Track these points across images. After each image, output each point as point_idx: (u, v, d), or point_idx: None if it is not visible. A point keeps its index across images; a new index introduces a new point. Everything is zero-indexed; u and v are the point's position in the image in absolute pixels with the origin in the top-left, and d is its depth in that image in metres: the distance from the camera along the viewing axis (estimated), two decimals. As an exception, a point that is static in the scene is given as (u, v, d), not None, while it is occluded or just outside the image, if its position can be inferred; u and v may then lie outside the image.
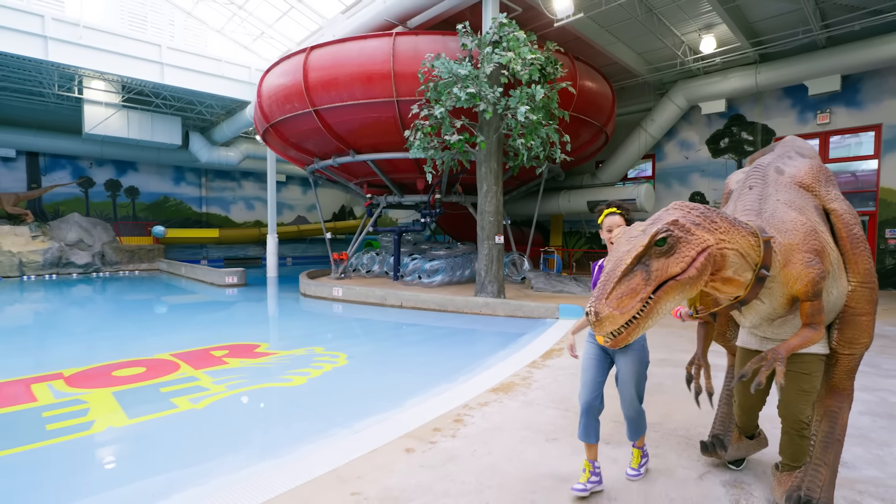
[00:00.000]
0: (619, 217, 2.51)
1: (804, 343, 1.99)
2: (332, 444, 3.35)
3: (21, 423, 3.85)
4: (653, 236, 1.71)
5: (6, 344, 7.04)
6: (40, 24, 13.04)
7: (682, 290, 1.74)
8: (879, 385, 4.18)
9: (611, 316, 1.64)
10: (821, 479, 2.12)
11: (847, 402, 2.32)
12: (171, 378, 5.06)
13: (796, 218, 2.07)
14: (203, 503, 2.51)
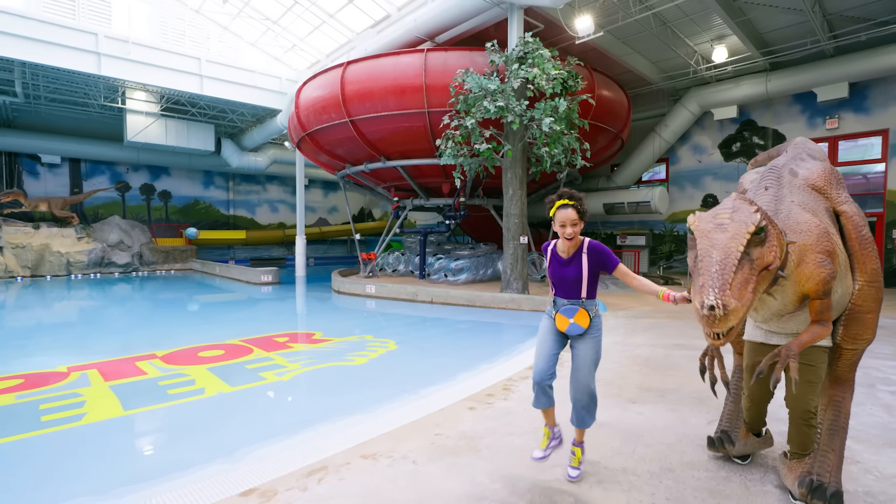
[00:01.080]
0: (573, 210, 2.40)
1: (814, 339, 2.08)
2: (407, 405, 4.13)
3: (146, 389, 4.70)
4: (757, 224, 1.72)
5: (94, 331, 7.97)
6: (94, 41, 14.11)
7: (770, 277, 1.75)
8: (866, 363, 4.83)
9: (737, 308, 1.60)
10: (829, 465, 2.22)
11: (849, 391, 2.43)
12: (249, 358, 5.89)
13: (810, 220, 2.13)
14: (331, 439, 3.30)
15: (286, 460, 2.94)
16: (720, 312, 1.56)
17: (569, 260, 2.51)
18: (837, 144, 12.84)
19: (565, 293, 2.52)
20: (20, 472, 3.08)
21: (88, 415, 4.00)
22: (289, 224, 28.16)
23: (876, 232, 12.24)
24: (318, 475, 2.74)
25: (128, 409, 4.13)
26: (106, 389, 4.65)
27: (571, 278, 2.49)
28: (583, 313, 2.46)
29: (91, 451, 3.50)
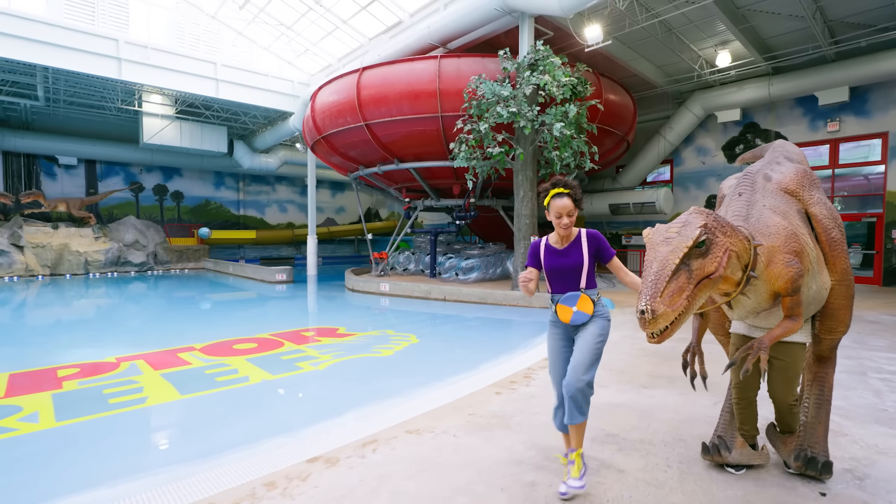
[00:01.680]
0: (569, 199, 2.36)
1: (785, 333, 2.22)
2: (438, 390, 4.52)
3: (195, 377, 5.11)
4: (696, 238, 1.86)
5: (128, 326, 8.40)
6: (115, 47, 14.55)
7: (712, 286, 1.92)
8: (861, 355, 5.20)
9: (665, 313, 1.77)
10: (818, 436, 2.48)
11: (832, 367, 2.68)
12: (282, 350, 6.30)
13: (779, 223, 2.28)
14: (375, 419, 3.70)
15: (340, 435, 3.33)
16: (649, 316, 1.76)
17: (566, 250, 2.43)
18: (838, 146, 13.17)
19: (563, 286, 2.43)
20: (108, 444, 3.49)
21: (150, 398, 4.41)
22: (297, 224, 28.62)
23: (876, 232, 12.58)
24: (371, 446, 3.13)
25: (184, 394, 4.54)
26: (158, 377, 5.06)
27: (570, 268, 2.40)
28: (585, 298, 2.36)
29: (164, 427, 3.91)
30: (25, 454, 3.31)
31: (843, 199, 13.31)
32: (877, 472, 2.60)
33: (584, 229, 2.46)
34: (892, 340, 5.89)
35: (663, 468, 2.69)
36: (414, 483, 2.61)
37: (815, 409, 2.55)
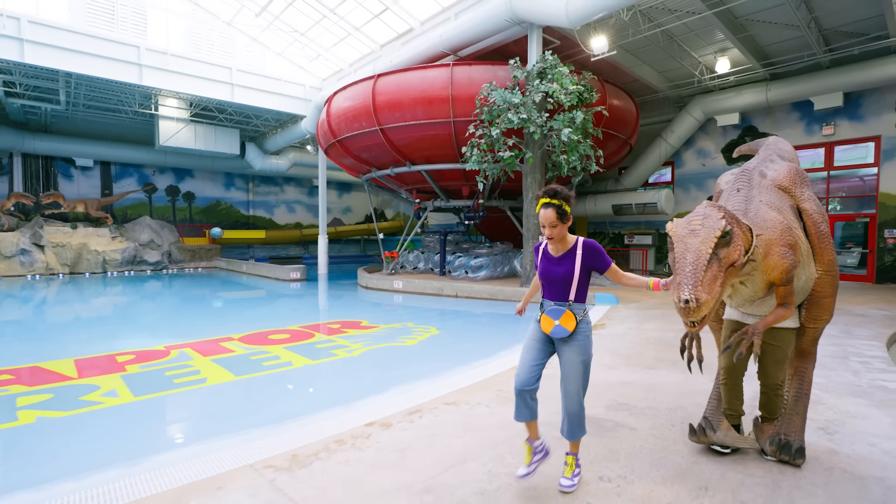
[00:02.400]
0: (553, 211, 2.32)
1: (777, 319, 2.41)
2: (464, 372, 5.06)
3: (242, 363, 5.65)
4: (723, 229, 2.02)
5: (163, 319, 8.96)
6: (136, 53, 15.11)
7: (735, 274, 2.07)
8: (846, 342, 5.73)
9: (707, 301, 1.89)
10: (795, 426, 2.61)
11: (812, 363, 2.83)
12: (314, 340, 6.84)
13: (776, 217, 2.43)
14: (413, 394, 4.24)
15: (388, 407, 3.87)
16: (693, 305, 1.86)
17: (560, 258, 2.41)
18: (833, 149, 13.69)
19: (553, 294, 2.42)
20: (190, 413, 4.04)
21: (208, 380, 4.96)
22: (305, 224, 29.17)
23: (869, 232, 13.10)
24: (417, 414, 3.67)
25: (238, 375, 5.08)
26: (209, 362, 5.60)
27: (560, 277, 2.39)
28: (569, 315, 2.35)
29: (231, 401, 4.46)
30: (120, 421, 3.86)
31: (838, 199, 13.82)
32: (844, 429, 3.14)
33: (583, 239, 2.43)
34: (876, 331, 6.41)
35: (668, 427, 3.23)
36: (460, 439, 3.15)
37: (793, 401, 2.70)
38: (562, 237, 2.40)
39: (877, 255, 12.89)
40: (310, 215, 29.49)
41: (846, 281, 13.30)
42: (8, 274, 17.06)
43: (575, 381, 2.36)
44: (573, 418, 2.38)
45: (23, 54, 13.22)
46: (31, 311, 10.27)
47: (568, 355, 2.38)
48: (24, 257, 17.37)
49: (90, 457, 3.29)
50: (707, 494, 2.37)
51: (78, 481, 2.90)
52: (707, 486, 2.45)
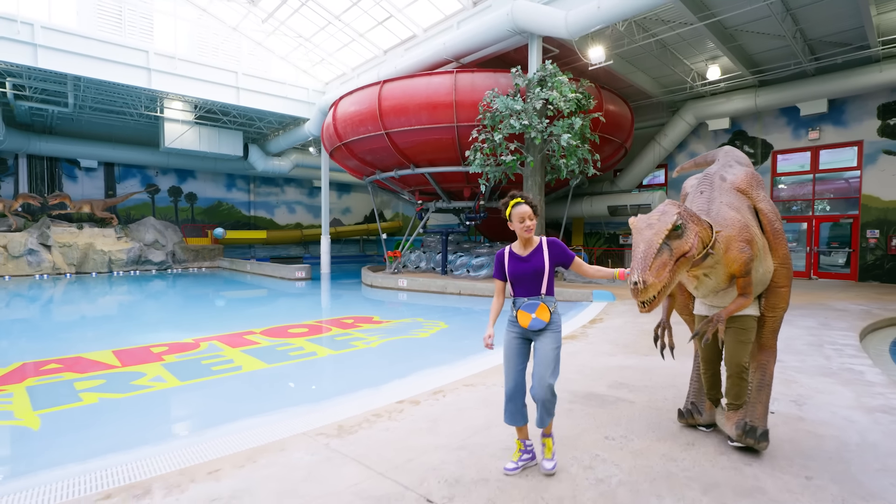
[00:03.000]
0: (527, 206, 2.58)
1: (738, 307, 2.70)
2: (477, 360, 5.53)
3: (270, 353, 6.10)
4: (674, 223, 2.28)
5: (183, 315, 9.37)
6: (145, 58, 15.48)
7: (687, 263, 2.35)
8: (822, 333, 6.27)
9: (653, 283, 2.17)
10: (758, 413, 2.82)
11: (772, 357, 3.04)
12: (332, 334, 7.30)
13: (734, 216, 2.73)
14: (434, 377, 4.72)
15: (413, 388, 4.34)
16: (641, 286, 2.14)
17: (528, 256, 2.61)
18: (819, 153, 14.32)
19: (525, 290, 2.59)
20: (237, 394, 4.49)
21: (243, 367, 5.41)
22: (305, 224, 29.55)
23: (852, 232, 13.73)
24: (441, 394, 4.15)
25: (269, 364, 5.54)
26: (239, 353, 6.05)
27: (531, 273, 2.56)
28: (543, 307, 2.55)
29: (271, 384, 4.91)
30: (175, 401, 4.31)
31: (827, 201, 14.45)
32: (811, 401, 3.66)
33: (545, 237, 2.65)
34: (852, 323, 6.97)
35: (661, 401, 3.73)
36: (482, 412, 3.64)
37: (756, 390, 2.91)
38: (531, 236, 2.61)
39: (860, 254, 13.52)
40: (310, 216, 29.87)
41: (832, 279, 13.94)
42: (16, 273, 17.35)
43: (548, 367, 2.51)
44: (545, 403, 2.51)
45: (36, 59, 13.56)
46: (53, 308, 10.64)
47: (543, 344, 2.56)
48: (31, 257, 17.66)
49: (165, 427, 3.75)
50: (693, 448, 2.87)
51: (169, 443, 3.36)
52: (693, 443, 2.95)
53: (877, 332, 7.13)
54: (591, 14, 9.61)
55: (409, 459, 2.84)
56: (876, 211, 13.25)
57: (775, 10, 10.51)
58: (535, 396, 2.53)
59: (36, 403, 4.17)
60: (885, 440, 2.97)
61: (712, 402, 3.12)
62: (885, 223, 13.09)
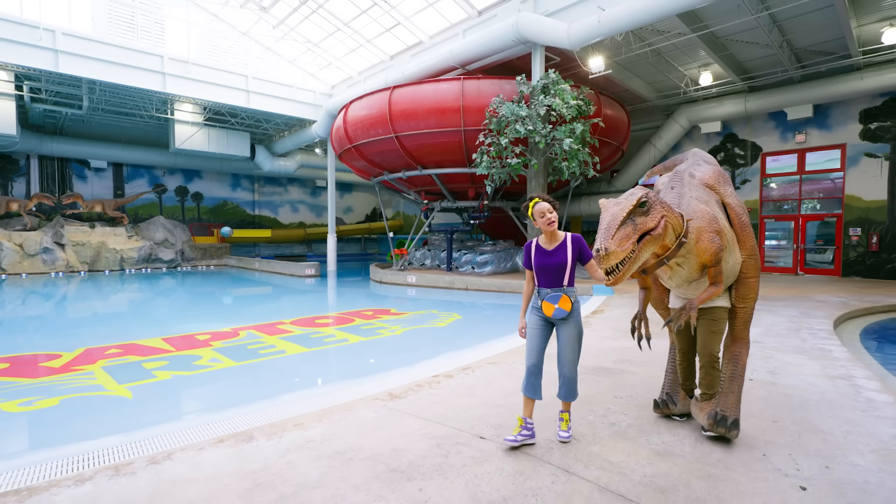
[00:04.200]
0: (547, 203, 2.85)
1: (710, 296, 2.78)
2: (494, 344, 6.21)
3: (305, 339, 6.74)
4: (638, 199, 2.39)
5: (210, 308, 9.97)
6: (160, 62, 16.01)
7: (654, 242, 2.42)
8: (801, 321, 6.99)
9: (615, 252, 2.24)
10: (730, 402, 2.87)
11: (745, 348, 3.12)
12: (356, 324, 7.94)
13: (704, 209, 2.84)
14: (460, 358, 5.39)
15: (444, 365, 5.00)
16: (603, 252, 2.23)
17: (553, 251, 2.85)
18: (805, 155, 15.10)
19: (549, 282, 2.85)
20: (285, 372, 5.14)
21: (286, 351, 6.05)
22: (308, 223, 30.11)
23: (836, 230, 14.52)
24: (469, 369, 4.82)
25: (309, 348, 6.19)
26: (278, 339, 6.69)
27: (555, 267, 2.81)
28: (566, 298, 2.81)
29: (318, 364, 5.56)
30: (237, 377, 4.95)
31: (812, 200, 15.23)
32: (784, 371, 4.37)
33: (570, 233, 2.91)
34: (829, 312, 7.70)
35: (659, 372, 4.42)
36: (509, 382, 4.31)
37: (728, 381, 2.99)
38: (555, 231, 2.86)
39: (843, 251, 14.32)
40: (312, 215, 30.43)
41: (817, 275, 14.73)
42: (32, 271, 17.84)
43: (572, 350, 2.85)
44: (570, 382, 2.89)
45: (57, 64, 14.08)
46: (84, 302, 11.20)
47: (566, 331, 2.86)
48: (46, 255, 18.15)
49: (237, 395, 4.39)
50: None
51: (246, 407, 4.01)
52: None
53: (851, 320, 7.86)
54: (591, 27, 10.29)
55: (456, 413, 3.51)
56: (858, 210, 14.04)
57: (763, 22, 11.24)
58: (563, 375, 2.89)
59: (118, 379, 4.80)
60: (839, 398, 3.68)
61: (686, 392, 3.25)
62: (867, 222, 13.88)
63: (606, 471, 2.58)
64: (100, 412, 4.00)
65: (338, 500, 2.33)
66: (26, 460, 2.85)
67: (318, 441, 3.09)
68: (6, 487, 2.54)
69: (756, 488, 2.37)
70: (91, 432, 3.54)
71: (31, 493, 2.47)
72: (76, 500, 2.39)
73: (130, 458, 2.86)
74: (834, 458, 2.69)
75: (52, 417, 3.86)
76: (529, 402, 2.93)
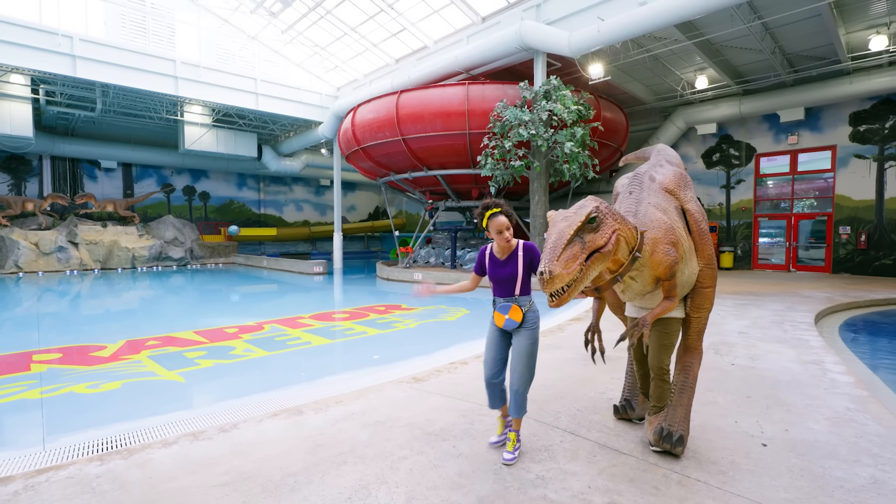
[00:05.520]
0: (503, 216, 2.69)
1: (663, 311, 2.65)
2: (502, 336, 6.76)
3: (326, 332, 7.27)
4: (587, 215, 2.22)
5: (230, 305, 10.50)
6: (172, 66, 16.50)
7: (603, 260, 2.26)
8: (785, 314, 7.54)
9: (560, 275, 2.08)
10: (679, 416, 2.77)
11: (697, 358, 3.01)
12: (372, 318, 8.48)
13: (661, 218, 2.68)
14: (471, 346, 5.93)
15: (458, 355, 5.54)
16: (546, 276, 2.05)
17: (505, 261, 2.76)
18: (797, 157, 15.64)
19: (502, 291, 2.78)
20: (315, 361, 5.68)
21: (312, 343, 6.59)
22: (313, 222, 30.62)
23: (827, 229, 15.07)
24: (480, 358, 5.36)
25: (333, 339, 6.72)
26: (302, 332, 7.23)
27: (507, 277, 2.73)
28: (516, 309, 2.70)
29: (345, 354, 6.09)
30: (273, 365, 5.49)
31: (805, 200, 15.77)
32: (763, 357, 4.92)
33: (523, 241, 2.79)
34: (813, 306, 8.25)
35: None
36: (518, 367, 4.85)
37: (678, 393, 2.88)
38: (508, 240, 2.75)
39: (833, 248, 14.87)
40: (317, 213, 30.94)
41: (808, 271, 15.28)
42: (47, 269, 18.35)
43: (523, 362, 2.71)
44: (518, 396, 2.75)
45: (75, 69, 14.56)
46: (110, 299, 11.72)
47: (518, 341, 2.76)
48: (61, 254, 18.66)
49: (278, 379, 4.93)
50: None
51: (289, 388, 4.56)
52: (674, 381, 4.19)
53: (835, 314, 8.41)
54: (591, 36, 10.80)
55: (475, 392, 4.06)
56: (848, 209, 14.59)
57: (755, 30, 11.75)
58: (512, 389, 2.76)
59: (166, 366, 5.34)
60: (807, 379, 4.23)
61: (645, 396, 3.23)
62: (856, 220, 14.43)
63: (605, 433, 3.13)
64: (159, 393, 4.54)
65: (388, 454, 2.87)
66: (111, 430, 3.38)
67: (360, 413, 3.63)
68: (109, 449, 3.08)
69: (725, 444, 2.92)
70: (157, 409, 4.08)
71: (130, 453, 3.02)
72: (170, 457, 2.93)
73: (203, 428, 3.40)
74: (794, 423, 3.23)
75: (119, 398, 4.39)
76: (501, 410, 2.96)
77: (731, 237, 17.10)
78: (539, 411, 3.56)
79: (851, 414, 3.39)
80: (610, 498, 2.36)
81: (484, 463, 2.76)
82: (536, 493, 2.41)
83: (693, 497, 2.34)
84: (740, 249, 16.90)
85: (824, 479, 2.50)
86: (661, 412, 2.89)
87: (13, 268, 17.71)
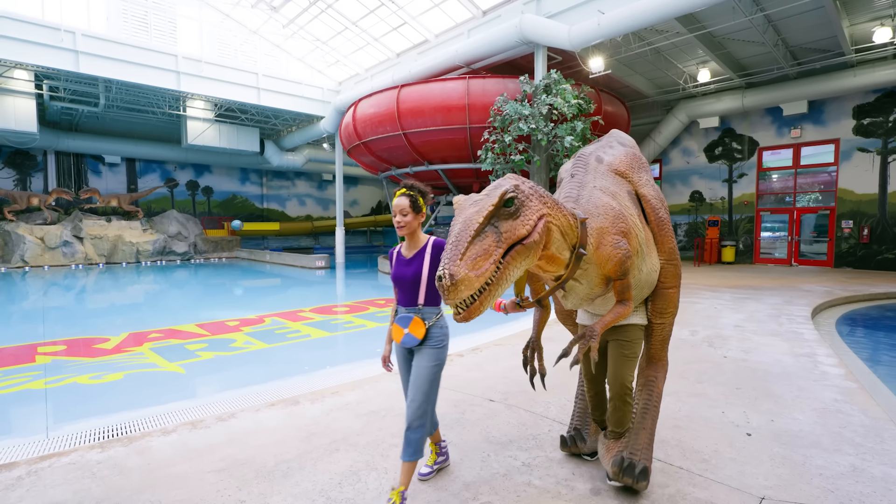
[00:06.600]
0: (406, 199, 2.23)
1: (616, 319, 2.12)
2: (501, 328, 6.81)
3: (327, 325, 7.36)
4: (501, 196, 1.69)
5: (232, 298, 10.61)
6: (174, 61, 16.54)
7: (527, 254, 1.72)
8: (783, 308, 7.56)
9: (466, 279, 1.52)
10: (641, 443, 2.34)
11: (662, 371, 2.59)
12: (373, 311, 8.55)
13: (608, 203, 2.19)
14: (475, 340, 6.00)
15: (457, 347, 5.60)
16: (447, 282, 1.51)
17: (410, 260, 2.30)
18: (800, 150, 15.55)
19: (404, 299, 2.30)
20: (315, 353, 5.77)
21: (311, 336, 6.67)
22: (315, 216, 30.72)
23: (829, 223, 15.02)
24: (478, 350, 5.42)
25: (331, 332, 6.81)
26: (302, 325, 7.32)
27: (410, 279, 2.25)
28: (417, 322, 2.23)
29: (344, 346, 6.18)
30: (272, 357, 5.58)
31: (808, 193, 15.70)
32: (756, 350, 4.96)
33: (433, 238, 2.33)
34: (811, 300, 8.26)
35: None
36: (513, 360, 4.91)
37: (641, 414, 2.47)
38: (412, 232, 2.28)
39: (835, 242, 14.82)
40: (319, 208, 31.03)
41: (810, 266, 15.24)
42: (53, 264, 18.54)
43: (420, 389, 2.19)
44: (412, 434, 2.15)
45: (78, 65, 14.64)
46: (115, 293, 11.86)
47: (419, 361, 2.24)
48: (66, 248, 18.84)
49: (278, 371, 5.02)
50: (665, 375, 4.16)
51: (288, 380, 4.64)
52: (666, 373, 4.24)
53: (832, 308, 8.42)
54: (591, 29, 10.76)
55: (470, 383, 4.13)
56: (850, 203, 14.52)
57: (757, 22, 11.67)
58: (406, 420, 2.20)
59: (168, 358, 5.44)
60: (798, 371, 4.27)
61: (598, 424, 2.68)
62: (859, 214, 14.37)
63: (593, 423, 3.19)
64: (160, 384, 4.63)
65: (379, 442, 2.95)
66: (113, 419, 3.47)
67: (355, 403, 3.71)
68: (110, 437, 3.17)
69: (711, 434, 2.97)
70: (158, 399, 4.17)
71: (130, 440, 3.11)
72: (169, 445, 3.01)
73: (201, 417, 3.49)
74: (780, 414, 3.28)
75: (121, 388, 4.49)
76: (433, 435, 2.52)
77: (734, 231, 17.06)
78: (530, 402, 3.62)
79: (838, 405, 3.43)
80: (593, 484, 2.42)
81: (472, 451, 2.83)
82: (521, 480, 2.48)
83: (674, 484, 2.40)
84: (742, 244, 16.86)
85: (804, 466, 2.56)
86: (621, 438, 2.42)
87: (19, 262, 17.91)
